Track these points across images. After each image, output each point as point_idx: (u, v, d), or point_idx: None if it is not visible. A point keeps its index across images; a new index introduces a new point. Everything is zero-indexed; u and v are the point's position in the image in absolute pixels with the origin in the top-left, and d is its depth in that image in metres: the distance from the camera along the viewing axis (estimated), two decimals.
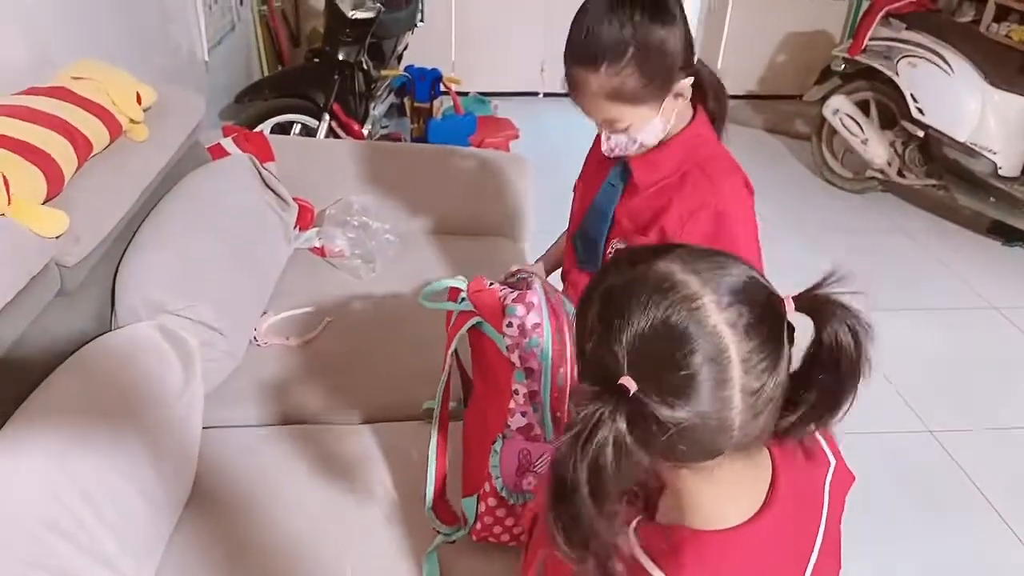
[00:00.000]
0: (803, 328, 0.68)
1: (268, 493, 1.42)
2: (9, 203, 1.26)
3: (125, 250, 1.63)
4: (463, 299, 1.28)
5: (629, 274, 0.65)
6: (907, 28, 3.51)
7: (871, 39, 3.59)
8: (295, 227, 2.20)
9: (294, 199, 2.21)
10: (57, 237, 1.32)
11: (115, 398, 1.25)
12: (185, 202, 1.75)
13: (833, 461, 0.81)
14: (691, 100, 1.26)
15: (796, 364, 0.67)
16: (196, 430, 1.40)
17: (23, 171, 1.31)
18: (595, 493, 0.61)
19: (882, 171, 3.69)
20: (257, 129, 2.84)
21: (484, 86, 4.52)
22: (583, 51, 1.13)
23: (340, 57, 3.09)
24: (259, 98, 2.95)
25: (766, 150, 4.46)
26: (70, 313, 1.45)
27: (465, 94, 4.27)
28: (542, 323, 1.20)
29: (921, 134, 3.45)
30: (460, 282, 1.31)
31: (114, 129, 1.67)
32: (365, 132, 3.29)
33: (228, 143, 2.25)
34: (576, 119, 1.28)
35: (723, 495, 0.69)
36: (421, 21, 3.94)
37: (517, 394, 1.21)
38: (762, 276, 0.67)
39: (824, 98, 3.79)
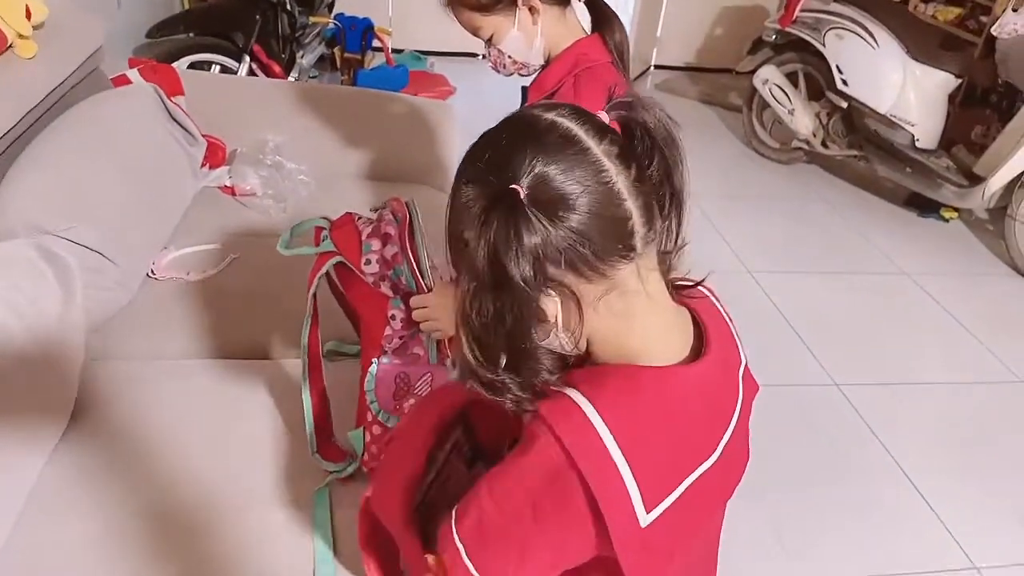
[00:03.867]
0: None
1: (152, 429, 1.35)
2: None
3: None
4: (325, 238, 1.25)
5: (480, 136, 0.71)
6: (836, 1, 3.57)
7: (801, 10, 3.64)
8: (204, 165, 2.12)
9: (204, 136, 2.12)
10: None
11: None
12: (76, 125, 1.65)
13: (744, 360, 0.81)
14: (596, 33, 1.30)
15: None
16: (76, 356, 1.32)
17: None
18: (524, 300, 0.63)
19: (807, 142, 3.76)
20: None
21: (422, 44, 4.43)
22: None
23: None
24: (174, 34, 2.81)
25: (699, 120, 4.50)
26: None
27: (400, 51, 4.18)
28: (399, 252, 1.21)
29: (845, 105, 3.53)
30: (322, 221, 1.29)
31: None
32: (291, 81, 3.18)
33: (133, 74, 2.14)
34: (513, 81, 1.38)
35: (649, 332, 0.70)
36: None
37: (394, 319, 1.21)
38: None
39: (755, 69, 3.84)
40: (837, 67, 3.49)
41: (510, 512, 0.68)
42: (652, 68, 5.18)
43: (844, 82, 3.48)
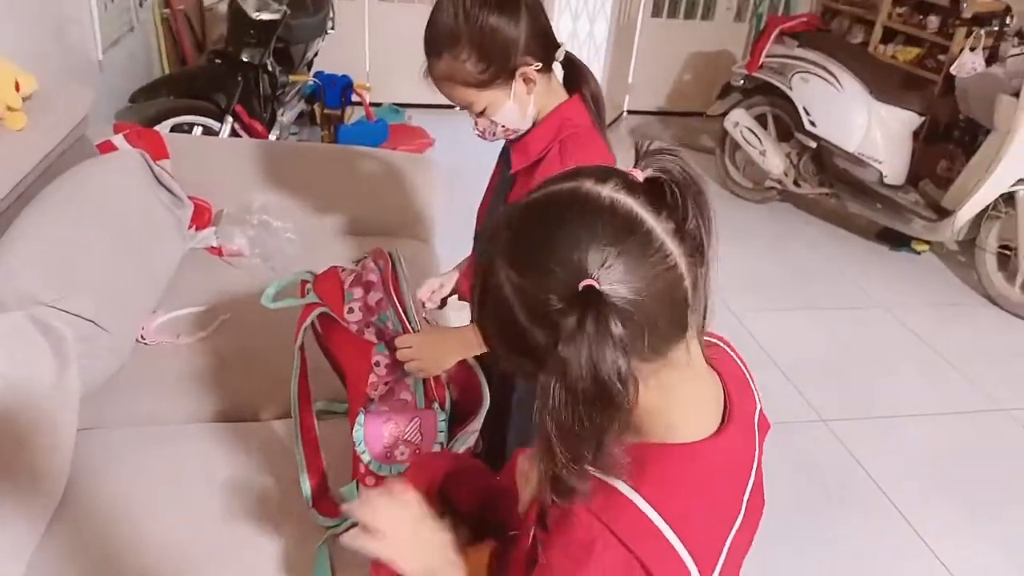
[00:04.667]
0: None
1: (145, 497, 1.35)
2: None
3: None
4: (310, 290, 1.28)
5: (519, 211, 0.67)
6: (799, 46, 3.71)
7: (767, 56, 3.77)
8: (191, 227, 2.13)
9: (190, 198, 2.14)
10: None
11: None
12: (66, 194, 1.67)
13: (759, 404, 0.83)
14: (571, 87, 1.32)
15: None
16: (70, 427, 1.32)
17: None
18: (619, 402, 0.60)
19: (780, 181, 3.86)
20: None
21: (399, 97, 4.51)
22: (427, 40, 1.21)
23: (244, 59, 3.02)
24: (156, 97, 2.84)
25: None
26: None
27: (378, 105, 4.25)
28: (384, 298, 1.23)
29: (814, 145, 3.64)
30: (307, 275, 1.31)
31: None
32: (273, 139, 3.22)
33: (119, 140, 2.16)
34: None
35: (688, 408, 0.70)
36: (332, 29, 3.90)
37: (379, 366, 1.23)
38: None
39: (725, 112, 3.96)
40: (804, 109, 3.61)
41: None
42: (625, 114, 5.30)
43: (812, 123, 3.59)
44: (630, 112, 5.32)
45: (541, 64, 1.22)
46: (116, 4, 3.04)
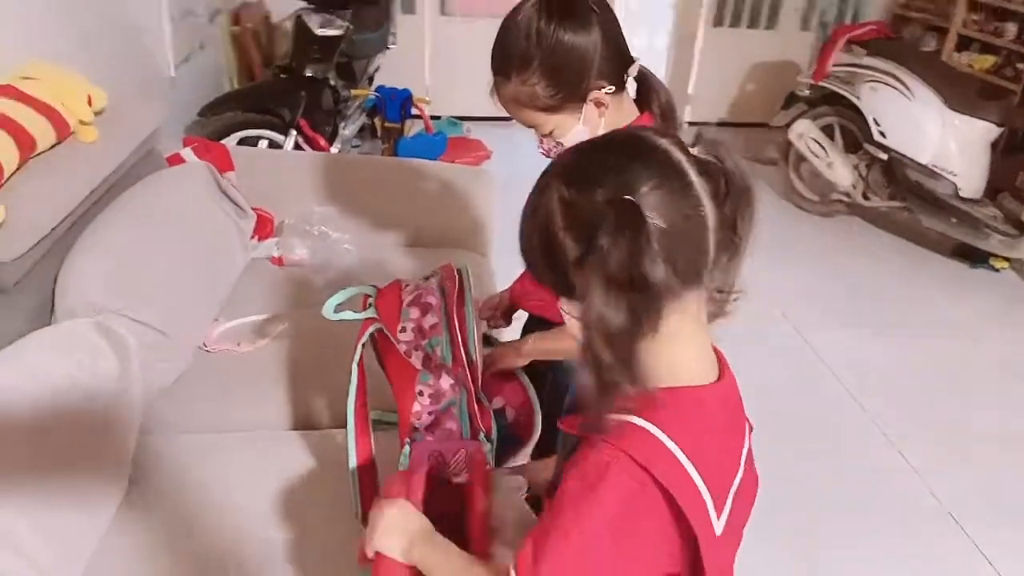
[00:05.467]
0: None
1: (203, 504, 1.36)
2: None
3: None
4: (371, 304, 1.27)
5: (582, 144, 0.79)
6: (868, 55, 3.59)
7: (834, 65, 3.67)
8: (254, 237, 2.18)
9: (254, 209, 2.19)
10: None
11: (43, 394, 1.20)
12: (134, 205, 1.72)
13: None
14: (642, 102, 1.27)
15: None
16: (131, 430, 1.35)
17: None
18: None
19: (847, 194, 3.73)
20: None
21: (457, 110, 4.55)
22: (495, 60, 1.17)
23: (308, 74, 3.09)
24: (224, 112, 2.93)
25: None
26: (8, 313, 1.41)
27: (438, 118, 4.29)
28: (440, 323, 1.20)
29: (884, 157, 3.51)
30: (370, 289, 1.30)
31: (62, 129, 1.64)
32: (335, 151, 3.28)
33: (187, 153, 2.22)
34: None
35: (691, 353, 0.77)
36: (393, 44, 3.97)
37: (422, 395, 1.20)
38: None
39: (790, 123, 3.85)
40: (874, 119, 3.49)
41: (591, 545, 0.70)
42: (685, 125, 5.23)
43: (882, 134, 3.47)
44: (691, 123, 5.24)
45: (614, 87, 1.17)
46: (187, 22, 3.15)
